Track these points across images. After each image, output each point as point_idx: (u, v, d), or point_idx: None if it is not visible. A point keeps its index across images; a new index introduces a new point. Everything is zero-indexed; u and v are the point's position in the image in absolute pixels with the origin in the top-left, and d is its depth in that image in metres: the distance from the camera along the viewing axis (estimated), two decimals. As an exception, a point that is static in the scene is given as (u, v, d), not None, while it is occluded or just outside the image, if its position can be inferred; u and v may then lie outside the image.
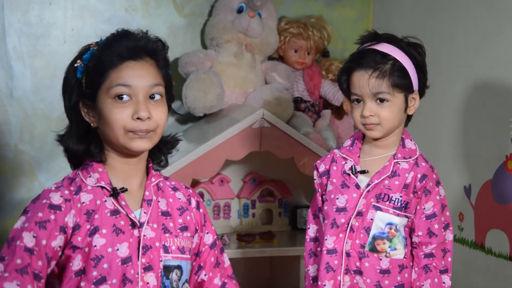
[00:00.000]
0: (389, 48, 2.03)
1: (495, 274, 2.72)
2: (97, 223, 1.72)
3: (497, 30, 2.74)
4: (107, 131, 1.73)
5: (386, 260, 2.03)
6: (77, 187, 1.75)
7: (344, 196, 2.06)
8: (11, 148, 3.06)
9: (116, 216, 1.75)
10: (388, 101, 2.01)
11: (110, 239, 1.72)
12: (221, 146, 2.86)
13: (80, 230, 1.71)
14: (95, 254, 1.70)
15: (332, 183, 2.10)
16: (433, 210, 2.05)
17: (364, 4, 3.50)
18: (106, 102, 1.71)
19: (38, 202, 1.72)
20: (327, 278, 2.05)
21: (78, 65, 1.74)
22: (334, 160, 2.13)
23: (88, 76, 1.73)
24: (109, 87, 1.71)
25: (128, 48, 1.73)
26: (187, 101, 3.08)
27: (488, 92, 2.77)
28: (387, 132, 2.06)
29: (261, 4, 3.19)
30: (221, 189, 3.14)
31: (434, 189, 2.06)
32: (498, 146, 2.70)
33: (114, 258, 1.71)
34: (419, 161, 2.08)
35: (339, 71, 2.09)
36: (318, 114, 3.30)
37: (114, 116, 1.71)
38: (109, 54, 1.72)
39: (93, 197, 1.75)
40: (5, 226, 3.04)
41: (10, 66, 3.05)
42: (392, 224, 2.03)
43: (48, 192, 1.73)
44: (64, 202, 1.71)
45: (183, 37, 3.27)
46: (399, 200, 2.03)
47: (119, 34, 1.76)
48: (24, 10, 3.07)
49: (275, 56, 3.33)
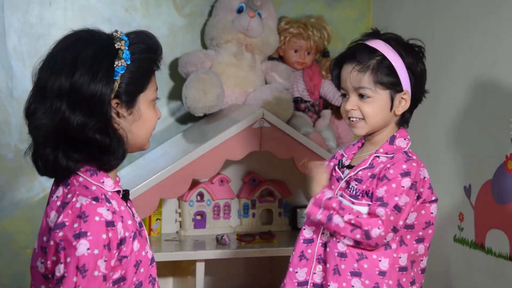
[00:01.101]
0: (379, 44, 2.03)
1: (495, 274, 2.72)
2: (131, 229, 1.71)
3: (497, 30, 2.74)
4: (141, 131, 1.75)
5: (343, 244, 2.01)
6: (103, 196, 1.68)
7: (328, 189, 2.08)
8: (11, 148, 3.06)
9: (132, 219, 1.75)
10: (370, 97, 2.01)
11: (141, 243, 1.73)
12: (221, 146, 2.86)
13: (126, 239, 1.68)
14: (136, 260, 1.70)
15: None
16: (382, 195, 1.97)
17: (364, 4, 3.50)
18: (146, 104, 1.73)
19: (91, 221, 1.61)
20: (300, 266, 2.09)
21: (121, 65, 1.69)
22: (334, 157, 2.17)
23: (132, 77, 1.70)
24: (151, 90, 1.74)
25: (160, 51, 1.75)
26: (187, 101, 3.08)
27: (488, 92, 2.77)
28: (371, 129, 2.05)
29: (261, 4, 3.19)
30: (221, 189, 3.13)
31: (397, 178, 1.98)
32: (498, 146, 2.70)
33: (146, 262, 1.73)
34: (397, 155, 2.03)
35: (331, 63, 2.11)
36: (318, 114, 3.30)
37: (153, 117, 1.76)
38: (151, 58, 1.73)
39: (117, 202, 1.71)
40: (5, 226, 3.04)
41: (10, 66, 3.05)
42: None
43: (93, 208, 1.63)
44: (113, 215, 1.65)
45: (183, 37, 3.27)
46: (354, 188, 2.03)
47: (147, 34, 1.75)
48: (24, 10, 3.07)
49: (275, 56, 3.32)
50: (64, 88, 1.64)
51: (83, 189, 1.67)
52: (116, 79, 1.67)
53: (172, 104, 3.26)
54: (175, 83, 3.26)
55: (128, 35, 1.73)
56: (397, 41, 2.05)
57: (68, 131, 1.64)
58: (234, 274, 3.26)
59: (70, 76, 1.63)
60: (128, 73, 1.69)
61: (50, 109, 1.64)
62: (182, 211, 3.09)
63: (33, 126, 1.67)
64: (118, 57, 1.68)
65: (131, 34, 1.74)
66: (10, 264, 3.06)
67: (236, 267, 3.24)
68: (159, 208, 3.04)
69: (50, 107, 1.64)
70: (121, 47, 1.69)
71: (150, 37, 1.75)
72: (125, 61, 1.68)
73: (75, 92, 1.64)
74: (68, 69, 1.64)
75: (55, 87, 1.64)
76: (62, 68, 1.65)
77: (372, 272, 2.01)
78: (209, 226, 3.11)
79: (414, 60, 2.04)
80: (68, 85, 1.63)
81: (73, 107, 1.64)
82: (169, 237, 3.04)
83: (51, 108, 1.64)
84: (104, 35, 1.72)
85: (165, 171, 2.79)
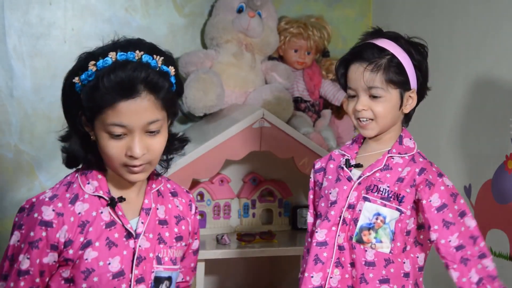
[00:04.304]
0: (388, 43, 2.03)
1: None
2: (90, 236, 1.70)
3: (497, 30, 2.74)
4: (104, 158, 1.70)
5: (371, 252, 2.00)
6: (73, 195, 1.71)
7: (336, 189, 2.06)
8: (11, 148, 3.06)
9: (110, 228, 1.72)
10: (381, 97, 2.00)
11: (102, 252, 1.70)
12: (221, 146, 2.86)
13: (73, 244, 1.69)
14: (86, 267, 1.69)
15: (328, 179, 2.11)
16: (442, 201, 1.99)
17: (364, 3, 3.50)
18: (101, 134, 1.66)
19: (31, 216, 1.68)
20: (316, 270, 2.04)
21: (76, 82, 1.67)
22: (331, 158, 2.15)
23: (86, 98, 1.65)
24: (104, 122, 1.64)
25: (123, 85, 1.62)
26: (187, 101, 3.08)
27: (488, 92, 2.77)
28: (381, 130, 2.05)
29: (261, 4, 3.19)
30: (221, 189, 3.13)
31: (437, 180, 2.01)
32: (498, 145, 2.70)
33: (105, 272, 1.69)
34: (416, 157, 2.06)
35: (337, 63, 2.08)
36: (318, 114, 3.30)
37: (110, 150, 1.66)
38: (104, 90, 1.62)
39: (89, 207, 1.71)
40: (5, 226, 3.04)
41: (10, 66, 3.05)
42: (380, 215, 2.00)
43: (41, 205, 1.69)
44: (56, 217, 1.68)
45: (183, 37, 3.27)
46: (386, 191, 2.01)
47: (118, 65, 1.63)
48: (24, 10, 3.07)
49: (275, 56, 3.33)
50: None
51: (61, 186, 1.74)
52: (78, 92, 1.68)
53: (172, 104, 3.26)
54: (175, 83, 3.26)
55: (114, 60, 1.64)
56: (403, 40, 2.05)
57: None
58: (234, 274, 3.26)
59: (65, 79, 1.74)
60: (85, 92, 1.65)
61: None
62: (182, 211, 3.09)
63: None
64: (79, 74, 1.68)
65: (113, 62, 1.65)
66: (10, 264, 3.06)
67: (236, 267, 3.24)
68: (159, 208, 3.04)
69: None
70: (90, 66, 1.65)
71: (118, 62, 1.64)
72: (81, 81, 1.66)
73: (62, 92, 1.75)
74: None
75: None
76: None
77: (398, 275, 2.01)
78: (209, 226, 3.11)
79: (421, 58, 2.05)
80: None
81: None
82: (169, 237, 3.04)
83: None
84: (100, 51, 1.68)
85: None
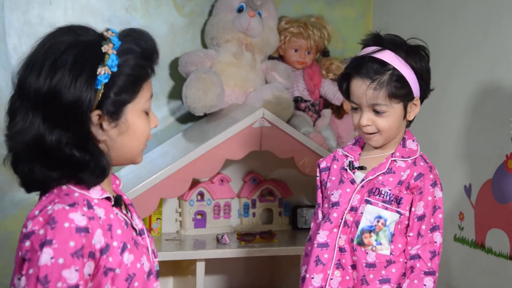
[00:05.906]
0: (388, 56, 2.01)
1: (495, 273, 2.72)
2: (122, 239, 1.53)
3: (497, 30, 2.74)
4: (129, 144, 1.55)
5: (372, 254, 2.02)
6: (85, 201, 1.51)
7: (338, 191, 2.07)
8: (11, 147, 3.05)
9: (128, 227, 1.58)
10: (385, 112, 2.01)
11: (136, 254, 1.55)
12: (221, 146, 2.86)
13: (110, 249, 1.50)
14: (127, 274, 1.52)
15: (331, 180, 2.12)
16: (424, 211, 2.03)
17: (364, 3, 3.50)
18: (135, 115, 1.54)
19: (59, 229, 1.44)
20: (316, 271, 2.06)
21: (104, 73, 1.47)
22: (335, 159, 2.15)
23: (117, 86, 1.49)
24: (143, 99, 1.54)
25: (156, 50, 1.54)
26: (187, 100, 3.08)
27: (488, 92, 2.77)
28: (386, 140, 2.07)
29: (261, 3, 3.19)
30: (221, 188, 3.13)
31: (428, 189, 2.04)
32: (498, 145, 2.70)
33: (142, 274, 1.55)
34: (418, 160, 2.08)
35: (339, 76, 2.09)
36: (318, 114, 3.30)
37: (144, 129, 1.56)
38: (144, 65, 1.52)
39: (105, 210, 1.53)
40: (6, 226, 3.04)
41: (10, 66, 3.04)
42: (381, 218, 2.03)
43: (65, 213, 1.46)
44: (89, 221, 1.47)
45: (183, 37, 3.27)
46: (388, 194, 2.03)
47: (143, 36, 1.53)
48: (24, 10, 3.07)
49: (275, 56, 3.32)
50: (41, 93, 1.47)
51: (63, 196, 1.50)
52: (98, 88, 1.47)
53: (172, 104, 3.26)
54: (175, 83, 3.26)
55: (122, 36, 1.52)
56: (404, 48, 2.03)
57: (43, 147, 1.47)
58: (234, 273, 3.26)
59: (49, 80, 1.46)
60: (113, 82, 1.48)
61: (26, 118, 1.48)
62: (182, 211, 3.09)
63: (11, 132, 1.50)
64: (102, 63, 1.47)
65: (125, 34, 1.53)
66: (11, 264, 3.06)
67: (236, 267, 3.24)
68: (159, 207, 3.04)
69: (26, 116, 1.48)
70: (108, 51, 1.48)
71: (145, 39, 1.54)
72: (109, 69, 1.47)
73: (52, 98, 1.46)
74: (46, 72, 1.47)
75: (32, 90, 1.47)
76: (41, 69, 1.47)
77: (399, 274, 2.03)
78: (210, 225, 3.11)
79: (422, 65, 2.04)
80: (46, 89, 1.46)
81: (49, 119, 1.47)
82: (169, 236, 3.04)
83: (27, 117, 1.48)
84: (93, 35, 1.52)
85: (165, 170, 2.79)
